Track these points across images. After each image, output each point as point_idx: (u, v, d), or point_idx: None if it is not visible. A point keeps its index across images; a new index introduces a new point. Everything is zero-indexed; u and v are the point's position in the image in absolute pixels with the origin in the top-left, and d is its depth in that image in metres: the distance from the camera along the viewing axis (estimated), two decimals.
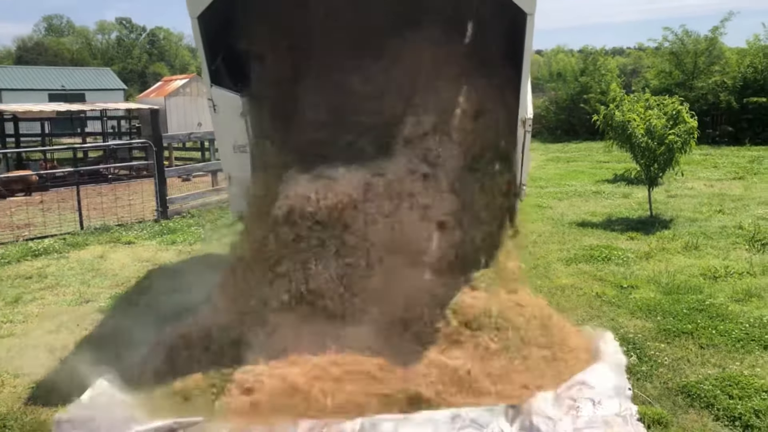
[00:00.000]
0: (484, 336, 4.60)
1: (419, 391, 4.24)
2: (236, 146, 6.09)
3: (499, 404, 4.16)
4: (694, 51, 25.18)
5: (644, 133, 10.09)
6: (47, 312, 7.05)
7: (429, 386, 4.26)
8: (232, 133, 6.01)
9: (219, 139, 6.49)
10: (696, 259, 8.13)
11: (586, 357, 4.82)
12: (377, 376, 4.31)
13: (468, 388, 4.30)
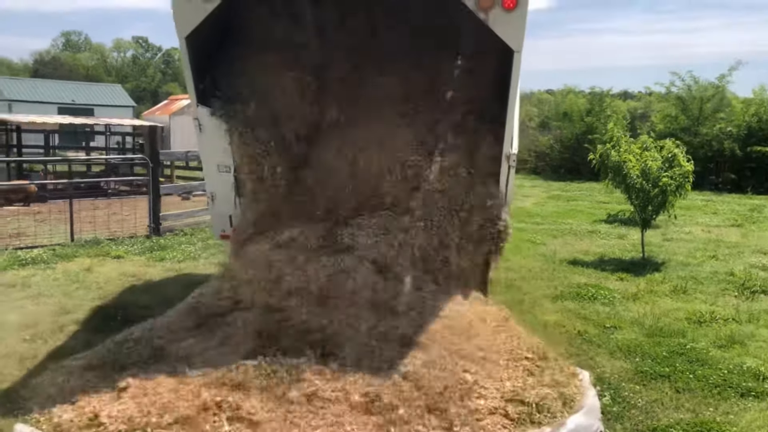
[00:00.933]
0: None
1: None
2: (221, 166, 6.12)
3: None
4: (700, 97, 25.28)
5: (639, 174, 10.07)
6: (25, 321, 6.99)
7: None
8: (217, 152, 6.04)
9: (204, 158, 6.52)
10: (683, 302, 8.04)
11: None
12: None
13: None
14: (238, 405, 4.13)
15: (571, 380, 4.94)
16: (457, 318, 5.14)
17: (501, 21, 4.93)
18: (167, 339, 5.05)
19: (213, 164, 6.22)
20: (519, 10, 4.88)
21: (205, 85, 5.92)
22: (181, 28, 5.36)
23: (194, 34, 5.38)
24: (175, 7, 5.28)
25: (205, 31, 5.40)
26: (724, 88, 25.48)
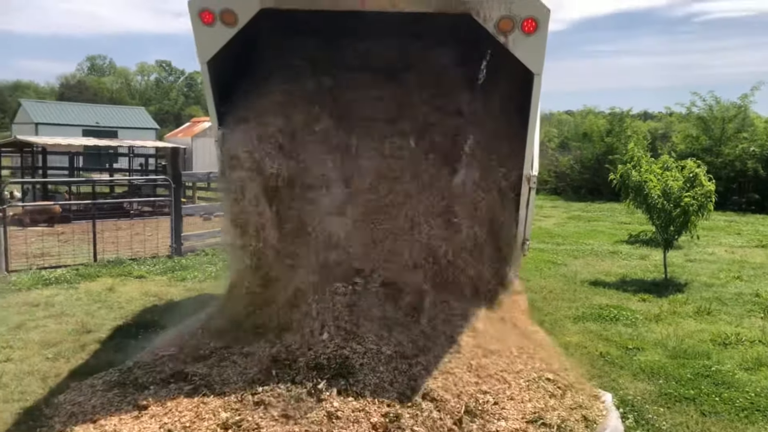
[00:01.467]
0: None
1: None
2: None
3: None
4: (722, 117, 25.07)
5: (660, 194, 9.99)
6: (48, 339, 7.07)
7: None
8: None
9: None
10: (707, 324, 7.92)
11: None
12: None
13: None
14: (258, 425, 4.13)
15: (593, 402, 4.88)
16: (479, 338, 5.11)
17: (521, 44, 4.96)
18: (186, 359, 5.07)
19: None
20: (539, 33, 4.91)
21: (226, 108, 6.01)
22: (203, 53, 5.45)
23: (215, 59, 5.47)
24: (197, 33, 5.37)
25: (227, 55, 5.48)
26: (746, 108, 25.28)
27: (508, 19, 4.89)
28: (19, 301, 8.71)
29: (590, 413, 4.68)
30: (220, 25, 5.27)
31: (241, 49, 5.72)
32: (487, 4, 4.90)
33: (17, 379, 5.90)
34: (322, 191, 5.61)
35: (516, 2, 4.85)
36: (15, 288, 9.31)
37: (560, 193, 27.64)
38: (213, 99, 5.77)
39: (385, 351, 4.75)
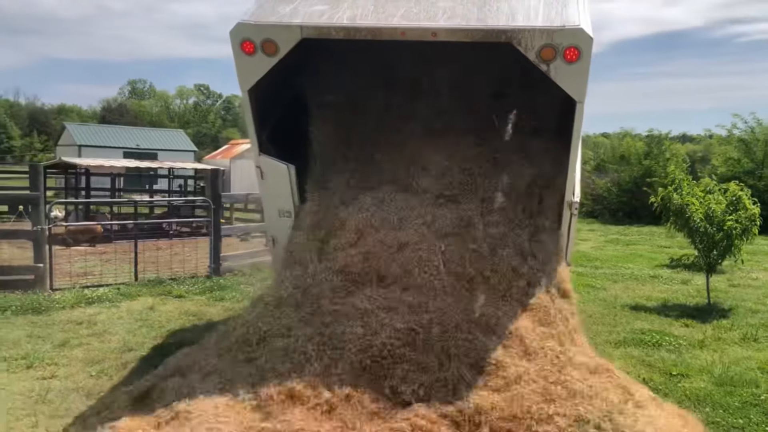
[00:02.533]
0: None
1: None
2: (281, 211, 6.27)
3: None
4: (765, 140, 24.59)
5: (703, 217, 9.81)
6: (91, 357, 7.19)
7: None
8: (278, 199, 6.19)
9: (265, 203, 6.69)
10: (754, 351, 7.71)
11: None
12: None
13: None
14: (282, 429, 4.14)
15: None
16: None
17: (563, 73, 4.91)
18: (210, 364, 5.07)
19: (274, 209, 6.37)
20: (581, 61, 4.85)
21: (267, 134, 6.10)
22: (244, 82, 5.53)
23: (257, 87, 5.55)
24: (238, 62, 5.43)
25: (269, 84, 5.56)
26: None
27: (550, 48, 4.84)
28: (63, 319, 8.88)
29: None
30: (261, 54, 5.32)
31: (284, 76, 5.80)
32: (529, 34, 4.87)
33: (62, 396, 6.00)
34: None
35: (558, 31, 4.81)
36: (59, 306, 9.50)
37: (597, 216, 27.31)
38: (254, 126, 5.86)
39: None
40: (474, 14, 5.12)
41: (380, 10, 5.28)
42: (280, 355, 4.81)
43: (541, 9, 5.08)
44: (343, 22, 5.16)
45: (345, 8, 5.33)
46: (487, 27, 4.97)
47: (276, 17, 5.31)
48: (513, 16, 5.04)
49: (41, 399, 5.92)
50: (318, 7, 5.40)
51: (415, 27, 5.07)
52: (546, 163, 5.97)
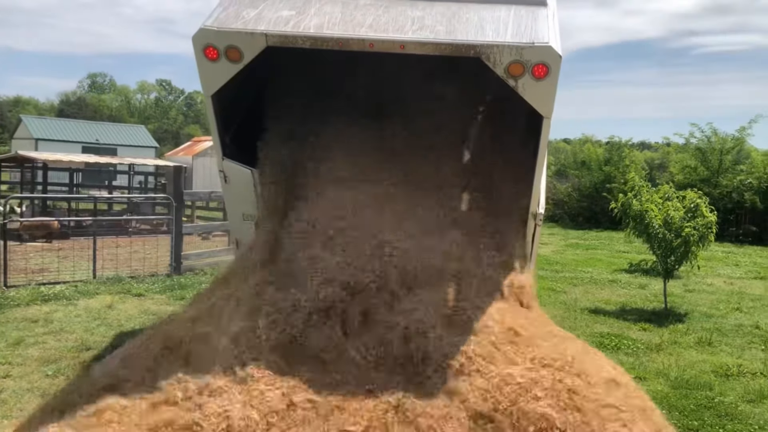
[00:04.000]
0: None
1: None
2: (245, 215, 6.21)
3: None
4: (720, 149, 25.27)
5: (661, 224, 10.03)
6: (47, 356, 7.03)
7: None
8: (242, 203, 6.13)
9: (229, 207, 6.63)
10: (708, 355, 7.91)
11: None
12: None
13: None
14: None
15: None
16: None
17: (531, 89, 4.90)
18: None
19: (238, 213, 6.32)
20: (549, 78, 4.85)
21: (230, 137, 6.02)
22: (207, 87, 5.43)
23: (220, 92, 5.45)
24: (201, 68, 5.29)
25: (232, 87, 5.45)
26: (744, 140, 25.49)
27: (519, 64, 4.83)
28: (17, 316, 8.66)
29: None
30: (224, 60, 5.19)
31: (247, 80, 5.67)
32: (498, 49, 4.84)
33: (16, 396, 5.86)
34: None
35: (527, 48, 4.80)
36: (14, 303, 9.26)
37: (557, 220, 27.69)
38: (217, 130, 5.77)
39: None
40: (443, 26, 5.07)
41: (348, 19, 5.18)
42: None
43: (511, 22, 5.07)
44: (309, 32, 5.02)
45: (312, 15, 5.22)
46: (455, 42, 4.92)
47: (240, 23, 5.15)
48: (482, 29, 5.01)
49: None
50: (284, 12, 5.27)
51: (383, 39, 4.97)
52: (512, 172, 6.00)
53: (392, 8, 5.31)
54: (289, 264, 5.22)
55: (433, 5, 5.32)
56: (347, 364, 4.60)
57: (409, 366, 4.58)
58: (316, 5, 5.35)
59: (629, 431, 4.12)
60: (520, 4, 5.29)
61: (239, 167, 6.01)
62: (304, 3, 5.38)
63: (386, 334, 4.73)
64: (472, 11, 5.24)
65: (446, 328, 4.76)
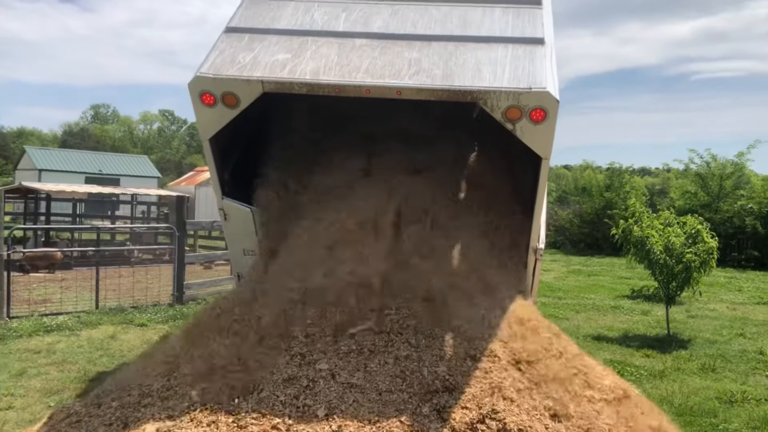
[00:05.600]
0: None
1: None
2: (246, 250, 6.27)
3: None
4: (720, 174, 25.38)
5: (662, 250, 10.05)
6: (50, 387, 7.02)
7: None
8: (242, 239, 6.19)
9: (230, 243, 6.68)
10: (712, 381, 7.89)
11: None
12: None
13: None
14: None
15: None
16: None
17: (529, 132, 4.91)
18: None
19: (239, 248, 6.38)
20: (547, 122, 4.85)
21: (229, 175, 6.08)
22: (205, 131, 5.47)
23: (218, 135, 5.50)
24: (198, 113, 5.33)
25: (229, 129, 5.46)
26: (743, 165, 25.63)
27: (516, 109, 4.84)
28: (20, 347, 8.66)
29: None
30: (221, 106, 5.21)
31: (245, 120, 5.69)
32: (495, 95, 4.85)
33: (19, 427, 5.84)
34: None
35: (524, 94, 4.80)
36: (16, 334, 9.26)
37: (559, 246, 27.72)
38: (216, 170, 5.83)
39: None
40: (440, 69, 5.05)
41: (344, 62, 5.16)
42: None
43: (508, 65, 5.05)
44: (305, 78, 5.02)
45: (308, 58, 5.20)
46: (452, 87, 4.91)
47: (236, 68, 5.15)
48: (479, 72, 5.00)
49: None
50: (280, 56, 5.26)
51: (380, 85, 4.97)
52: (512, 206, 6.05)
53: (388, 49, 5.28)
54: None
55: (429, 45, 5.30)
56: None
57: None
58: (312, 47, 5.33)
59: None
60: (517, 43, 5.27)
61: (238, 206, 6.06)
62: (300, 45, 5.36)
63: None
64: (469, 52, 5.22)
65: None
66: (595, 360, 5.36)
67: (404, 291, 5.18)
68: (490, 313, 5.09)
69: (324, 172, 6.25)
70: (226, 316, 5.21)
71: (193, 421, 4.32)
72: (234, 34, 5.57)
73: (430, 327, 4.95)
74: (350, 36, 5.48)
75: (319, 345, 4.83)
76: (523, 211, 5.82)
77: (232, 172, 6.16)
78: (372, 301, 5.08)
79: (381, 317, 5.01)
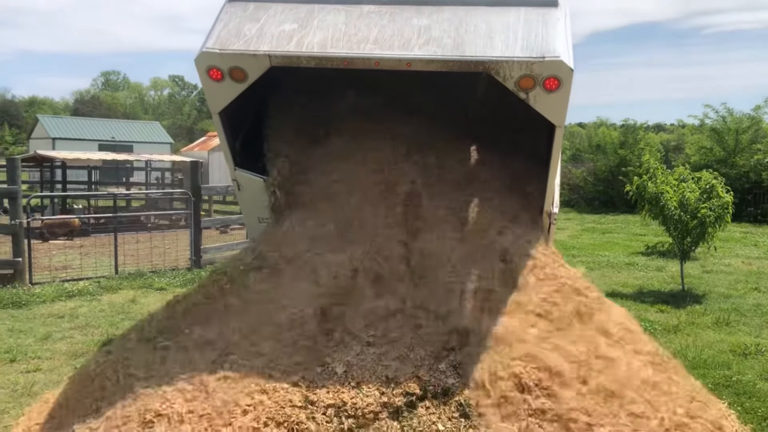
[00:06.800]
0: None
1: None
2: (260, 218, 6.32)
3: None
4: (735, 129, 25.04)
5: (677, 206, 10.03)
6: (75, 350, 7.21)
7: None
8: (256, 207, 6.23)
9: (244, 212, 6.73)
10: (726, 335, 7.95)
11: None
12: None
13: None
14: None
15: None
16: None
17: (542, 100, 4.84)
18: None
19: (254, 216, 6.42)
20: (561, 90, 4.78)
21: (240, 145, 6.09)
22: (214, 105, 5.43)
23: (227, 108, 5.49)
24: (206, 87, 5.29)
25: (239, 101, 5.40)
26: (760, 120, 25.23)
27: (529, 78, 4.76)
28: (44, 312, 8.87)
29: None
30: (229, 80, 5.16)
31: (254, 92, 5.66)
32: (507, 65, 4.76)
33: (48, 389, 6.00)
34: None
35: (537, 63, 4.71)
36: (39, 300, 9.47)
37: (573, 205, 27.62)
38: (227, 143, 5.82)
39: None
40: (450, 37, 4.93)
41: (352, 32, 5.05)
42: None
43: (521, 31, 4.92)
44: (313, 51, 4.93)
45: (315, 28, 5.09)
46: (463, 57, 4.81)
47: (242, 42, 5.07)
48: (491, 40, 4.89)
49: (26, 392, 5.95)
50: (286, 26, 5.15)
51: (388, 57, 4.88)
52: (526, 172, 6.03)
53: (397, 16, 5.15)
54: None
55: (439, 10, 5.15)
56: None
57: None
58: (318, 15, 5.21)
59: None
60: (530, 6, 5.12)
61: (251, 176, 6.09)
62: (307, 13, 5.23)
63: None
64: (480, 16, 5.08)
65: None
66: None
67: (421, 252, 5.23)
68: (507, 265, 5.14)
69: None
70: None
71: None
72: (238, 3, 5.45)
73: (446, 283, 5.01)
74: (358, 2, 5.36)
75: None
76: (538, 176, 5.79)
77: (243, 142, 6.18)
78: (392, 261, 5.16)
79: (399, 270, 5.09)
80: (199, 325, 4.89)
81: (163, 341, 4.81)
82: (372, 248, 5.22)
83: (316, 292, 4.94)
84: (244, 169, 6.08)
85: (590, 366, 4.45)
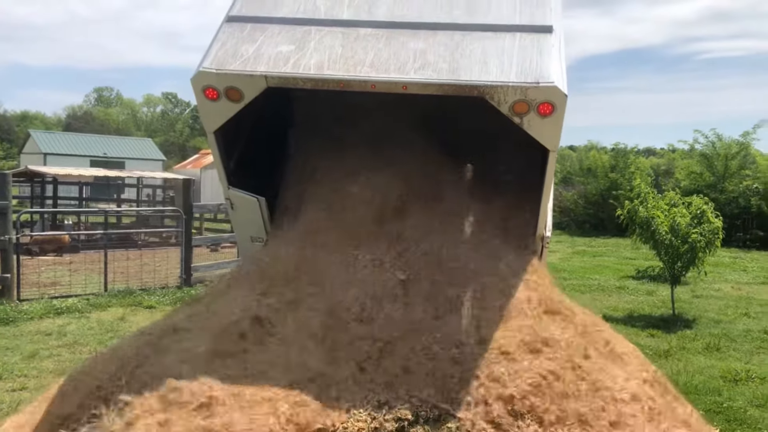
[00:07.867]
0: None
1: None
2: (253, 237, 6.31)
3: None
4: (725, 154, 25.30)
5: (668, 230, 10.09)
6: (62, 368, 7.12)
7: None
8: (249, 226, 6.22)
9: (237, 230, 6.70)
10: (717, 360, 7.96)
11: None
12: None
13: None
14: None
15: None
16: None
17: (536, 125, 4.84)
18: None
19: (246, 236, 6.41)
20: (555, 115, 4.79)
21: (234, 164, 6.09)
22: (209, 125, 5.44)
23: (222, 128, 5.49)
24: (201, 107, 5.28)
25: (234, 122, 5.45)
26: (748, 145, 25.53)
27: (523, 103, 4.76)
28: (31, 329, 8.78)
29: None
30: (225, 100, 5.14)
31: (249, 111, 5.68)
32: (502, 90, 4.76)
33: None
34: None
35: (531, 88, 4.71)
36: (27, 317, 9.37)
37: (564, 227, 27.73)
38: (222, 162, 5.82)
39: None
40: (446, 62, 4.95)
41: (348, 55, 5.05)
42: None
43: (515, 56, 4.95)
44: (309, 73, 4.92)
45: (311, 50, 5.10)
46: (458, 82, 4.82)
47: (239, 62, 5.04)
48: (486, 65, 4.91)
49: (12, 410, 5.86)
50: (283, 47, 5.15)
51: (385, 80, 4.88)
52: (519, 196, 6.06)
53: (393, 39, 5.18)
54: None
55: (435, 35, 5.19)
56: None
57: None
58: (315, 37, 5.22)
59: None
60: (524, 32, 5.16)
61: (245, 196, 6.09)
62: (303, 35, 5.25)
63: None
64: (476, 41, 5.11)
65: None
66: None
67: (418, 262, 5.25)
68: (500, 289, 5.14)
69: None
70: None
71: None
72: (235, 23, 5.49)
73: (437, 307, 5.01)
74: (354, 25, 5.39)
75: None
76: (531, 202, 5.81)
77: (237, 161, 6.17)
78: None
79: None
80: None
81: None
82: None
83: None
84: (238, 188, 6.08)
85: (587, 391, 4.44)
